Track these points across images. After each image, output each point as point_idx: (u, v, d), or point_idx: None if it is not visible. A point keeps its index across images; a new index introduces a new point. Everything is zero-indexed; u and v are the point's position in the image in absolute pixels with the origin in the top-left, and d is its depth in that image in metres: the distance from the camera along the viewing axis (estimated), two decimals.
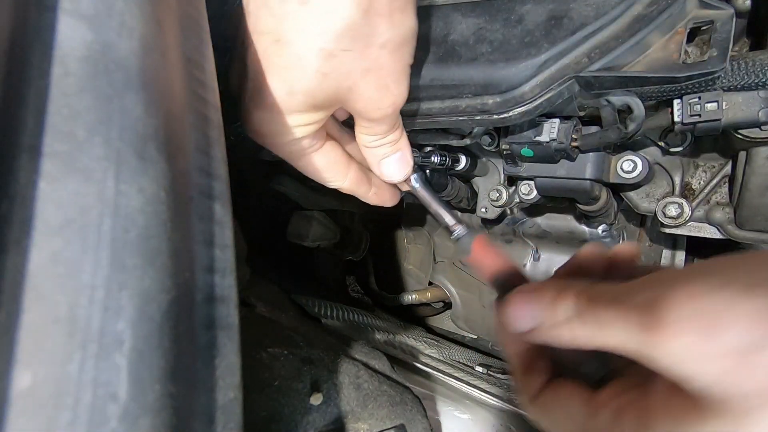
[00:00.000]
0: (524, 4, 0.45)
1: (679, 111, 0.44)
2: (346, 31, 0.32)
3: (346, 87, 0.36)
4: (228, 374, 0.25)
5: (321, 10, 0.32)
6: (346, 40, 0.33)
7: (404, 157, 0.45)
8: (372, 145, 0.42)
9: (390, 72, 0.36)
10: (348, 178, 0.46)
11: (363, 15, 0.32)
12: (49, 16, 0.22)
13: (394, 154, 0.44)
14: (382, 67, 0.35)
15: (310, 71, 0.34)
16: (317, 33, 0.33)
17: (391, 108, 0.38)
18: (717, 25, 0.40)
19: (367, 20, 0.33)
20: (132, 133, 0.22)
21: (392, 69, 0.36)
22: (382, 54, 0.35)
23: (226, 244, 0.27)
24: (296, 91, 0.35)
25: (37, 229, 0.19)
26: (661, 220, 0.58)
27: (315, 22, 0.32)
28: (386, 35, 0.34)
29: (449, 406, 0.65)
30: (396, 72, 0.37)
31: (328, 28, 0.32)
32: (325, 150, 0.43)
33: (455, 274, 0.96)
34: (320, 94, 0.36)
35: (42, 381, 0.18)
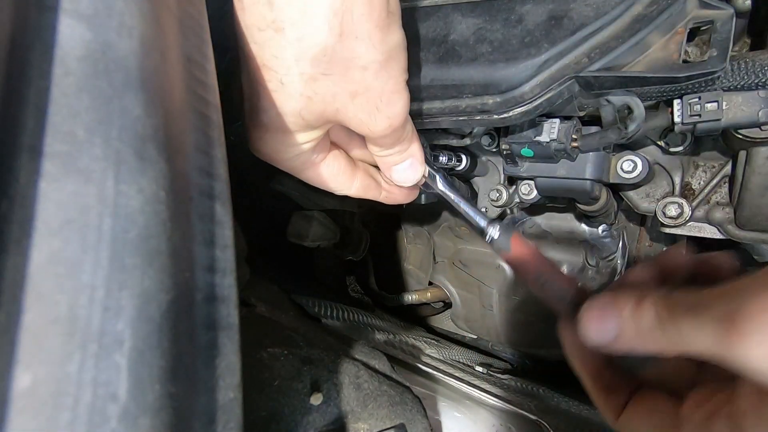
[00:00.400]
0: (524, 4, 0.45)
1: (679, 111, 0.44)
2: (321, 56, 0.32)
3: (333, 109, 0.35)
4: (228, 374, 0.25)
5: (294, 36, 0.32)
6: (323, 64, 0.32)
7: (414, 165, 0.44)
8: (381, 154, 0.42)
9: (379, 93, 0.35)
10: (354, 186, 0.46)
11: (337, 39, 0.32)
12: (49, 16, 0.22)
13: (404, 161, 0.43)
14: (369, 89, 0.34)
15: (294, 95, 0.34)
16: (294, 59, 0.32)
17: (386, 129, 0.37)
18: (717, 25, 0.40)
19: (342, 44, 0.32)
20: (132, 133, 0.22)
21: (381, 90, 0.35)
22: (367, 76, 0.34)
23: (226, 244, 0.27)
24: (286, 112, 0.35)
25: (37, 229, 0.19)
26: (661, 220, 0.58)
27: (290, 48, 0.32)
28: (367, 57, 0.33)
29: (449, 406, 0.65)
30: (385, 93, 0.35)
31: (303, 54, 0.32)
32: (329, 161, 0.43)
33: (455, 274, 0.96)
34: (309, 115, 0.35)
35: (42, 381, 0.18)
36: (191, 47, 0.29)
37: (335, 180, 0.44)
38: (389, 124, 0.37)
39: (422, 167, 0.45)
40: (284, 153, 0.39)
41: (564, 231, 0.84)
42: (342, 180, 0.44)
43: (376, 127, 0.37)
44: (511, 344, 0.93)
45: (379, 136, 0.38)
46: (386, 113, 0.36)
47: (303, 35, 0.31)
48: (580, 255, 0.81)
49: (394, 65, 0.35)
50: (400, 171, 0.44)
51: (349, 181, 0.45)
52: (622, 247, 0.80)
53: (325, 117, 0.36)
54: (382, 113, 0.36)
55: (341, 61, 0.33)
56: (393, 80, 0.35)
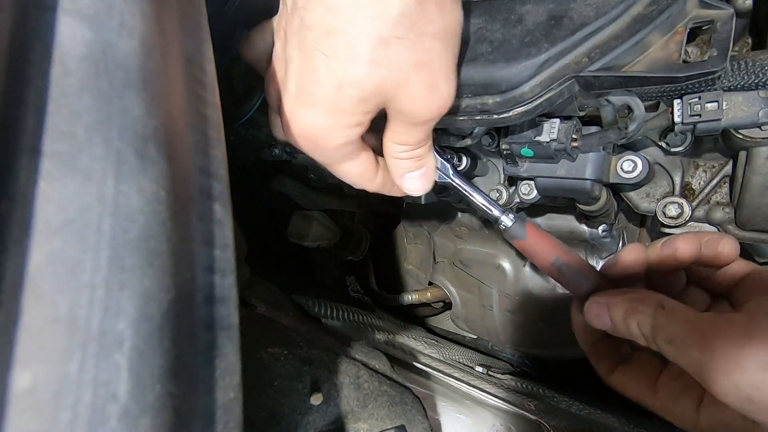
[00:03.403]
0: (524, 4, 0.45)
1: (679, 111, 0.44)
2: (401, 17, 0.32)
3: (395, 80, 0.35)
4: (228, 374, 0.25)
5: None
6: (400, 27, 0.32)
7: (427, 174, 0.44)
8: (399, 155, 0.41)
9: (441, 66, 0.36)
10: (376, 183, 0.45)
11: (418, 2, 0.32)
12: (49, 16, 0.22)
13: (418, 169, 0.43)
14: (434, 60, 0.35)
15: (361, 60, 0.33)
16: (372, 19, 0.32)
17: (437, 111, 0.37)
18: (717, 25, 0.40)
19: (421, 7, 0.32)
20: (132, 133, 0.22)
21: (443, 63, 0.36)
22: (435, 45, 0.34)
23: (226, 244, 0.27)
24: (345, 83, 0.34)
25: (37, 229, 0.19)
26: (661, 220, 0.58)
27: (370, 9, 0.32)
28: (438, 24, 0.34)
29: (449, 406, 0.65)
30: (446, 67, 0.36)
31: (384, 14, 0.32)
32: (363, 158, 0.42)
33: (455, 274, 0.96)
34: (370, 85, 0.34)
35: (42, 381, 0.18)
36: (191, 47, 0.29)
37: (363, 177, 0.44)
38: (441, 104, 0.37)
39: (433, 178, 0.45)
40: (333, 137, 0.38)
41: (564, 231, 0.84)
42: (368, 177, 0.44)
43: (432, 106, 0.37)
44: (511, 344, 0.93)
45: (428, 119, 0.38)
46: (442, 92, 0.37)
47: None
48: (580, 255, 0.81)
49: (456, 40, 0.36)
50: (411, 179, 0.43)
51: (373, 178, 0.45)
52: (622, 247, 0.80)
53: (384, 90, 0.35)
54: (439, 92, 0.36)
55: (416, 26, 0.33)
56: (453, 56, 0.36)
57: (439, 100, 0.37)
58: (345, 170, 0.42)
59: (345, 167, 0.42)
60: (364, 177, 0.44)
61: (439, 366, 0.76)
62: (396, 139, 0.40)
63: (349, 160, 0.41)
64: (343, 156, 0.40)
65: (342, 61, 0.34)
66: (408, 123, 0.38)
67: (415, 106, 0.37)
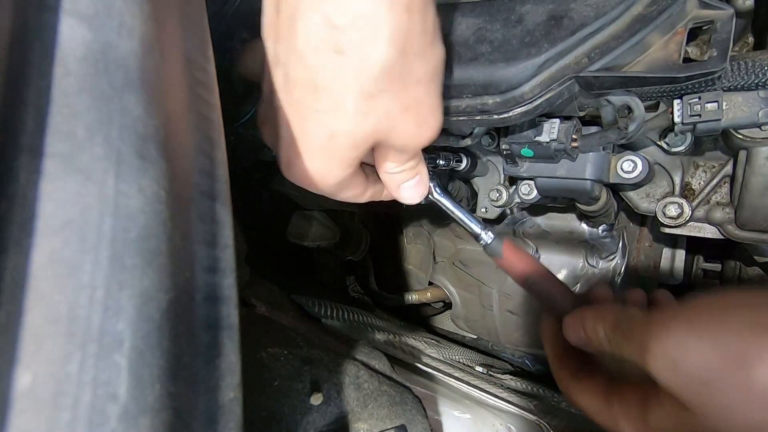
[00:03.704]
0: (524, 4, 0.45)
1: (679, 111, 0.44)
2: (383, 73, 0.33)
3: (386, 126, 0.36)
4: (228, 374, 0.25)
5: (357, 57, 0.32)
6: (383, 82, 0.33)
7: (422, 180, 0.45)
8: (394, 171, 0.43)
9: (428, 106, 0.37)
10: (366, 196, 0.47)
11: (399, 56, 0.33)
12: (49, 16, 0.22)
13: (413, 179, 0.44)
14: (420, 102, 0.36)
15: (350, 113, 0.34)
16: (355, 78, 0.33)
17: (426, 140, 0.39)
18: (717, 25, 0.40)
19: (403, 60, 0.33)
20: (132, 133, 0.22)
21: (429, 103, 0.37)
22: (419, 90, 0.35)
23: (226, 244, 0.27)
24: (337, 133, 0.36)
25: (37, 229, 0.19)
26: (661, 220, 0.58)
27: (352, 68, 0.33)
28: (420, 71, 0.35)
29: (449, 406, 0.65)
30: (433, 105, 0.37)
31: (366, 71, 0.33)
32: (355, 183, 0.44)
33: (455, 274, 0.96)
34: (360, 134, 0.36)
35: (42, 381, 0.18)
36: (191, 47, 0.29)
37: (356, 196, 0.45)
38: (431, 135, 0.39)
39: (428, 184, 0.46)
40: (331, 177, 0.40)
41: (564, 231, 0.84)
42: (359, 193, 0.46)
43: (421, 139, 0.38)
44: (511, 344, 0.93)
45: (419, 147, 0.40)
46: (431, 124, 0.38)
47: (367, 55, 0.32)
48: (580, 255, 0.81)
49: (439, 77, 0.37)
50: (407, 188, 0.45)
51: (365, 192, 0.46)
52: (622, 247, 0.80)
53: (374, 134, 0.37)
54: (428, 124, 0.38)
55: (399, 77, 0.34)
56: (437, 93, 0.38)
57: (427, 132, 0.38)
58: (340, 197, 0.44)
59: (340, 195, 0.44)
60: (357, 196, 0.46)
61: (439, 366, 0.76)
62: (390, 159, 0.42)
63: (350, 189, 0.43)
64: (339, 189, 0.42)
65: (332, 114, 0.35)
66: (399, 152, 0.40)
67: (406, 141, 0.38)
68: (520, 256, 0.46)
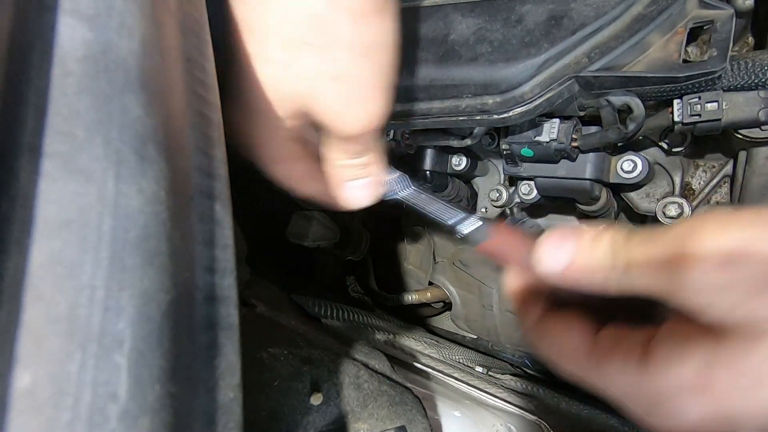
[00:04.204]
0: (524, 4, 0.45)
1: (679, 111, 0.44)
2: (308, 20, 0.31)
3: (307, 88, 0.33)
4: (228, 374, 0.25)
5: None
6: (309, 33, 0.31)
7: (371, 186, 0.40)
8: (339, 164, 0.38)
9: (359, 82, 0.33)
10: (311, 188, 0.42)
11: (328, 6, 0.30)
12: (49, 16, 0.22)
13: (363, 178, 0.39)
14: (350, 75, 0.33)
15: (274, 60, 0.32)
16: (281, 22, 0.31)
17: (361, 128, 0.35)
18: (717, 25, 0.40)
19: (332, 14, 0.31)
20: (132, 133, 0.22)
21: (363, 79, 0.33)
22: (350, 59, 0.32)
23: (226, 244, 0.27)
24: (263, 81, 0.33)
25: (37, 229, 0.19)
26: (661, 220, 0.58)
27: (280, 10, 0.31)
28: (353, 35, 0.32)
29: (449, 407, 0.65)
30: (368, 84, 0.33)
31: (292, 17, 0.31)
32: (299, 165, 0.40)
33: (455, 274, 0.96)
34: (285, 86, 0.33)
35: (42, 381, 0.18)
36: (191, 47, 0.29)
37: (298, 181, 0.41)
38: (369, 119, 0.35)
39: (379, 189, 0.41)
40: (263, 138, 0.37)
41: None
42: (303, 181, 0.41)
43: (352, 122, 0.34)
44: (511, 344, 0.93)
45: (352, 135, 0.35)
46: (369, 108, 0.34)
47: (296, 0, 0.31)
48: None
49: (379, 59, 0.34)
50: (354, 188, 0.40)
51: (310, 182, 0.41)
52: None
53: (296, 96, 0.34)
54: (365, 106, 0.34)
55: (325, 34, 0.31)
56: (376, 74, 0.34)
57: (361, 115, 0.34)
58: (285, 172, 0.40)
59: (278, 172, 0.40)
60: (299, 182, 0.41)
61: (439, 366, 0.76)
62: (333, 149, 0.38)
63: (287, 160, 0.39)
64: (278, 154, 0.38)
65: (258, 59, 0.33)
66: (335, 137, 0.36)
67: (333, 121, 0.35)
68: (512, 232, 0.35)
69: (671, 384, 0.25)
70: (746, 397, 0.23)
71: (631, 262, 0.26)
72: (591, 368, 0.29)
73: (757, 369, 0.22)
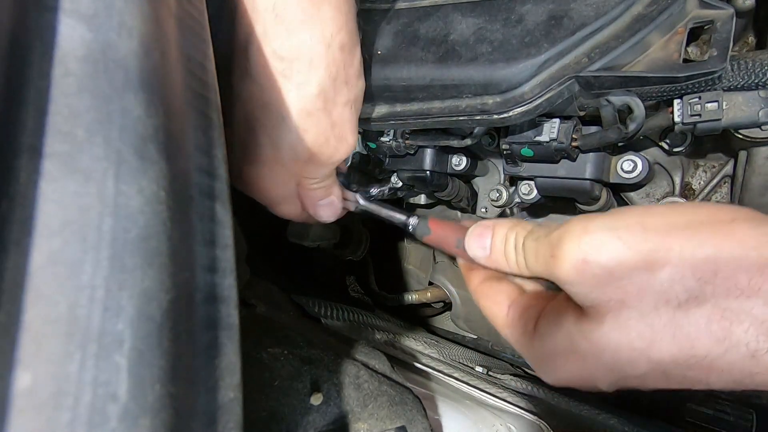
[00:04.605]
0: (524, 4, 0.45)
1: (680, 111, 0.44)
2: (319, 95, 0.41)
3: (318, 141, 0.43)
4: (228, 374, 0.25)
5: (299, 81, 0.40)
6: (319, 101, 0.41)
7: (335, 202, 0.53)
8: (311, 186, 0.49)
9: (348, 123, 0.44)
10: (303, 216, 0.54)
11: (332, 82, 0.41)
12: (49, 16, 0.22)
13: (327, 197, 0.52)
14: (345, 120, 0.44)
15: (293, 128, 0.42)
16: (298, 98, 0.40)
17: (344, 154, 0.46)
18: (717, 25, 0.40)
19: (334, 85, 0.41)
20: (132, 133, 0.22)
21: (350, 121, 0.44)
22: (345, 111, 0.43)
23: (226, 244, 0.27)
24: (282, 146, 0.43)
25: (37, 229, 0.19)
26: None
27: (295, 90, 0.40)
28: (347, 96, 0.43)
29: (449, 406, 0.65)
30: (352, 124, 0.45)
31: (306, 92, 0.40)
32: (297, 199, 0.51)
33: (455, 274, 0.96)
34: (300, 147, 0.43)
35: (42, 381, 0.18)
36: (191, 47, 0.29)
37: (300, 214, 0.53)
38: (346, 150, 0.46)
39: (339, 206, 0.54)
40: (276, 186, 0.47)
41: None
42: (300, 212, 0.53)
43: (338, 153, 0.45)
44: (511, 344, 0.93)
45: (335, 161, 0.46)
46: (349, 141, 0.45)
47: (308, 80, 0.40)
48: None
49: (358, 104, 0.46)
50: (322, 206, 0.52)
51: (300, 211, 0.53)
52: None
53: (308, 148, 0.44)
54: (346, 142, 0.45)
55: (331, 99, 0.42)
56: (356, 116, 0.46)
57: (344, 147, 0.45)
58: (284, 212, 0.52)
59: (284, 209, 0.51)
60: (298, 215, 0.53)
61: (439, 366, 0.76)
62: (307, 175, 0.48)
63: (289, 204, 0.50)
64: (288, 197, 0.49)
65: (277, 129, 0.42)
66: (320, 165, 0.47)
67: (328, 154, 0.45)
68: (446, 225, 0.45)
69: (548, 349, 0.33)
70: (597, 362, 0.31)
71: (527, 256, 0.35)
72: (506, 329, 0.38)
73: (604, 340, 0.30)
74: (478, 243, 0.39)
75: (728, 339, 0.27)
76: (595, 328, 0.30)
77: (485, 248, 0.38)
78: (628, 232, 0.29)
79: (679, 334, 0.28)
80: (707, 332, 0.27)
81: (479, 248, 0.39)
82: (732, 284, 0.27)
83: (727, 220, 0.29)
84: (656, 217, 0.30)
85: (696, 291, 0.27)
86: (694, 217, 0.29)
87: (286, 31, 0.38)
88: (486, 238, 0.38)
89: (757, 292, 0.26)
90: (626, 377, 0.31)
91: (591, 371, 0.31)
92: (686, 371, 0.29)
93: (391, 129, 0.60)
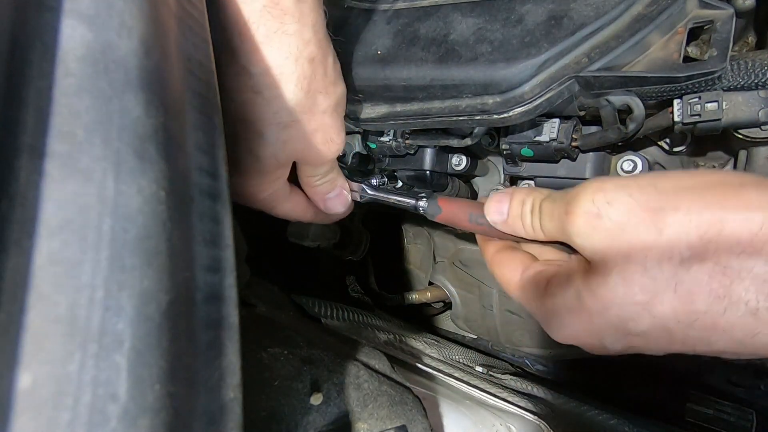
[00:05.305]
0: (524, 4, 0.45)
1: (679, 111, 0.44)
2: (293, 107, 0.41)
3: (302, 147, 0.44)
4: (228, 374, 0.25)
5: (271, 95, 0.40)
6: (295, 113, 0.42)
7: (343, 194, 0.54)
8: (315, 183, 0.51)
9: (333, 128, 0.46)
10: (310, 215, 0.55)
11: (305, 94, 0.41)
12: (49, 16, 0.22)
13: (335, 190, 0.53)
14: (326, 125, 0.45)
15: (272, 141, 0.43)
16: (271, 113, 0.41)
17: (335, 154, 0.47)
18: (717, 25, 0.40)
19: (308, 97, 0.42)
20: (132, 133, 0.22)
21: (333, 125, 0.46)
22: (325, 117, 0.44)
23: (226, 244, 0.27)
24: (264, 156, 0.44)
25: (37, 229, 0.20)
26: None
27: (267, 105, 0.41)
28: (325, 104, 0.44)
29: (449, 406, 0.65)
30: (336, 127, 0.46)
31: (280, 107, 0.41)
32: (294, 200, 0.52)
33: (455, 274, 0.96)
34: (281, 155, 0.44)
35: (42, 381, 0.18)
36: (191, 47, 0.29)
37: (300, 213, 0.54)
38: (337, 149, 0.47)
39: (348, 197, 0.54)
40: (261, 192, 0.48)
41: None
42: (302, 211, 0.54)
43: (329, 153, 0.47)
44: (511, 344, 0.93)
45: (328, 161, 0.48)
46: (336, 142, 0.47)
47: (279, 95, 0.41)
48: None
49: (341, 108, 0.47)
50: (331, 200, 0.53)
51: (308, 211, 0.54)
52: None
53: (293, 154, 0.45)
54: (334, 142, 0.46)
55: (307, 109, 0.43)
56: (340, 118, 0.47)
57: (334, 147, 0.47)
58: (282, 211, 0.52)
59: (282, 209, 0.52)
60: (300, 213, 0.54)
61: (439, 366, 0.76)
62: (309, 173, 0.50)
63: (282, 203, 0.51)
64: (276, 199, 0.50)
65: (257, 142, 0.43)
66: (313, 165, 0.49)
67: (319, 156, 0.47)
68: (456, 202, 0.46)
69: (557, 306, 0.35)
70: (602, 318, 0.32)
71: (543, 217, 0.37)
72: (518, 292, 0.40)
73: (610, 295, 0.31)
74: (496, 208, 0.40)
75: (728, 296, 0.27)
76: (602, 283, 0.31)
77: (503, 213, 0.40)
78: (640, 191, 0.30)
79: (681, 290, 0.29)
80: (708, 288, 0.28)
81: (497, 213, 0.40)
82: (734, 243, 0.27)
83: (736, 183, 0.29)
84: (668, 180, 0.31)
85: (699, 249, 0.28)
86: (704, 180, 0.30)
87: (253, 48, 0.39)
88: (504, 204, 0.40)
89: (759, 251, 0.27)
90: (630, 334, 0.31)
91: (597, 328, 0.32)
92: (688, 330, 0.29)
93: (391, 129, 0.60)
